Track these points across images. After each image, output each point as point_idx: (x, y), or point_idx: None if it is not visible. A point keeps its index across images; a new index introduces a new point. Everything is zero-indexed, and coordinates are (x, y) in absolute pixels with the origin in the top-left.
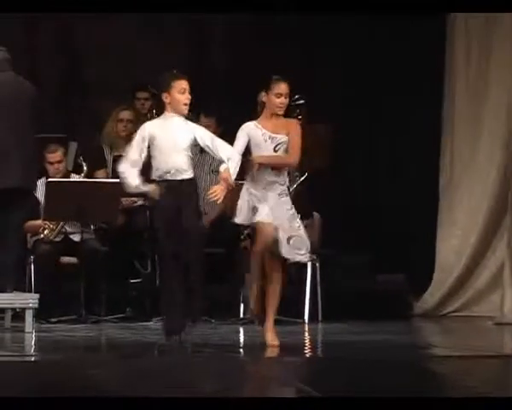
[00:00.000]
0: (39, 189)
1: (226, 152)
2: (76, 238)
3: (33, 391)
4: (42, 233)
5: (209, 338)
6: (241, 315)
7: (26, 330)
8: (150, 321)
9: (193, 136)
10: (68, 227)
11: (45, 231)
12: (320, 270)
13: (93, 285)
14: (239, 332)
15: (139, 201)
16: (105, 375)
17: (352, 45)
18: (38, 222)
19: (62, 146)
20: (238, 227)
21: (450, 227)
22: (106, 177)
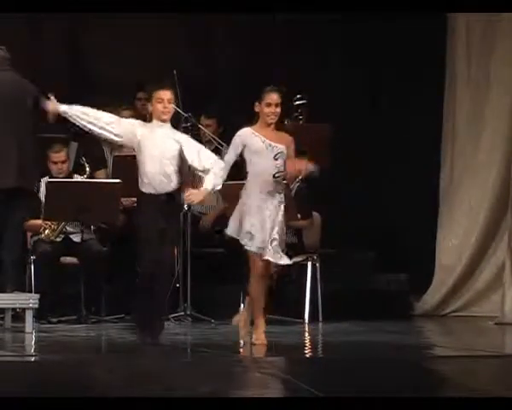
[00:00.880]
0: (42, 188)
1: (208, 162)
2: (76, 239)
3: (34, 391)
4: (43, 233)
5: (209, 338)
6: None
7: (27, 330)
8: None
9: (179, 146)
10: (69, 227)
11: (46, 231)
12: (320, 270)
13: (93, 285)
14: (239, 332)
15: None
16: (105, 375)
17: (353, 45)
18: (39, 222)
19: (66, 146)
20: None
21: (450, 227)
22: (106, 177)
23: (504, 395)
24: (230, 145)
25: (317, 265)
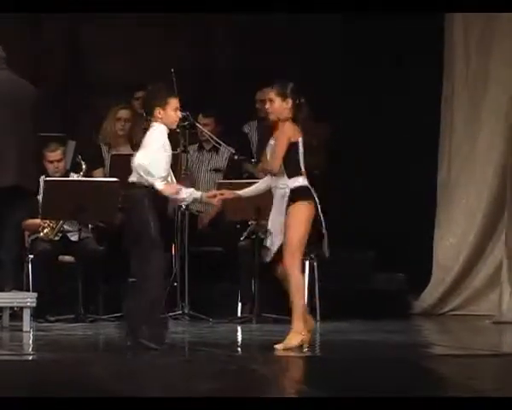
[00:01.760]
0: (40, 187)
1: None
2: (74, 237)
3: (31, 390)
4: (41, 232)
5: (207, 337)
6: (239, 314)
7: (24, 329)
8: None
9: None
10: (66, 226)
11: (45, 230)
12: (318, 269)
13: (91, 284)
14: (237, 331)
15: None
16: (103, 374)
17: (351, 44)
18: (38, 221)
19: (62, 145)
20: (236, 226)
21: (448, 226)
22: (103, 176)
23: (502, 395)
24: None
25: (315, 264)
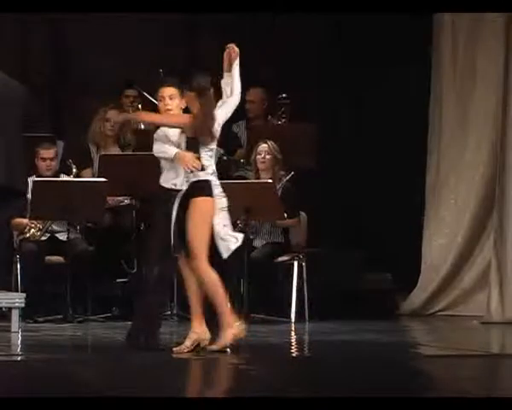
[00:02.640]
0: (29, 187)
1: None
2: (62, 237)
3: (19, 391)
4: (28, 232)
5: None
6: None
7: (13, 329)
8: None
9: None
10: (55, 226)
11: (32, 230)
12: (307, 269)
13: (79, 285)
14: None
15: (125, 200)
16: (91, 374)
17: (338, 44)
18: (25, 221)
19: (55, 145)
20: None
21: (436, 226)
22: (92, 176)
23: (489, 395)
24: None
25: (304, 264)
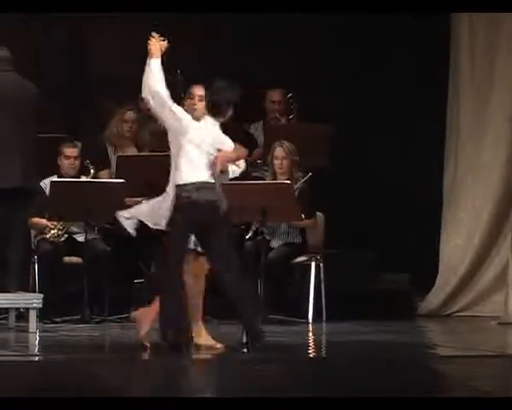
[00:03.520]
0: (47, 187)
1: None
2: (80, 238)
3: (37, 391)
4: (48, 233)
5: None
6: None
7: (30, 330)
8: None
9: None
10: (73, 227)
11: (52, 231)
12: (324, 270)
13: (97, 285)
14: (242, 332)
15: (143, 201)
16: (108, 375)
17: (356, 44)
18: (44, 221)
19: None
20: (241, 227)
21: (454, 227)
22: (109, 177)
23: (507, 395)
24: None
25: (321, 265)
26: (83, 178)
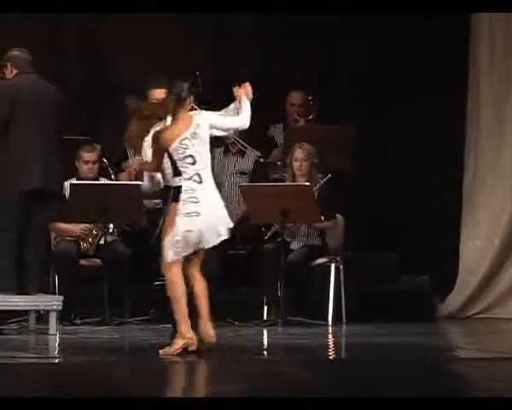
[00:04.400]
0: (67, 190)
1: None
2: (100, 241)
3: (57, 393)
4: (81, 246)
5: (232, 340)
6: (265, 317)
7: (50, 332)
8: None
9: None
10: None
11: (84, 245)
12: (344, 272)
13: (117, 287)
14: (263, 334)
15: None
16: (128, 377)
17: (376, 46)
18: (76, 228)
19: (96, 148)
20: (261, 229)
21: (473, 229)
22: (129, 179)
23: None
24: None
25: (341, 267)
26: (102, 180)
